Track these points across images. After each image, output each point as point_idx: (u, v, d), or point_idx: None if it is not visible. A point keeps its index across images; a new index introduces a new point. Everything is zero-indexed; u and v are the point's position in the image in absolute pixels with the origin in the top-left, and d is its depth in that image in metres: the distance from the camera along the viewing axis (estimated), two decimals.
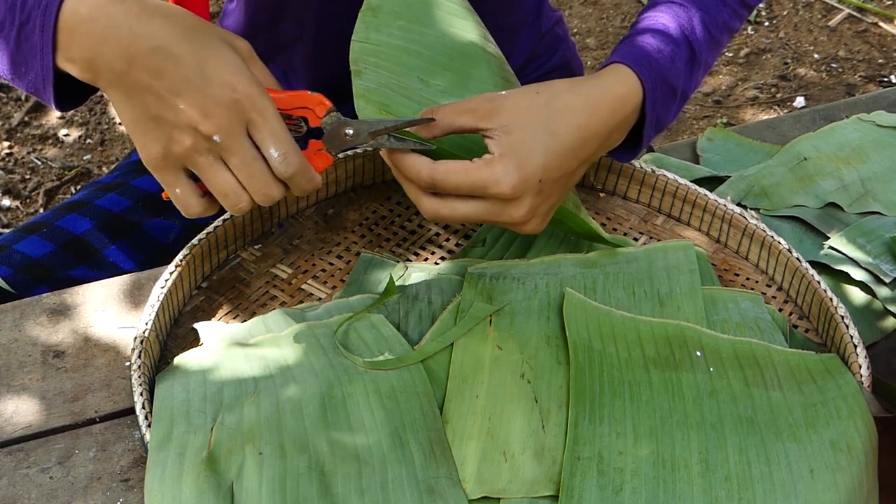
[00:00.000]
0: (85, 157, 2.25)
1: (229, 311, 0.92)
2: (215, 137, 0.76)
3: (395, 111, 0.86)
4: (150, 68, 0.75)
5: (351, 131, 0.83)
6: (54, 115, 2.33)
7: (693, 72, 0.92)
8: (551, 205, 0.85)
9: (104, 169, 2.23)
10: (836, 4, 2.77)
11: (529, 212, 0.83)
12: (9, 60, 0.79)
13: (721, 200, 1.00)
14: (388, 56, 0.90)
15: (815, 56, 2.62)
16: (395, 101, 0.87)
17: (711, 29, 0.93)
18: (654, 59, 0.88)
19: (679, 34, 0.91)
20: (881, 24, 2.71)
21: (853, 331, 0.88)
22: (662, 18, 0.92)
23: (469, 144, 0.88)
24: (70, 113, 2.33)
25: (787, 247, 0.96)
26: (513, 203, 0.82)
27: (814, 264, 1.00)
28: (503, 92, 0.85)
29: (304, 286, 0.95)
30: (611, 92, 0.86)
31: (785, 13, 2.76)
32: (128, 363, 0.89)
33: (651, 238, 1.01)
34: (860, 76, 2.56)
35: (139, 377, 0.82)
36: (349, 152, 1.01)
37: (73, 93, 0.82)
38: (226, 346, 0.86)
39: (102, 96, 2.38)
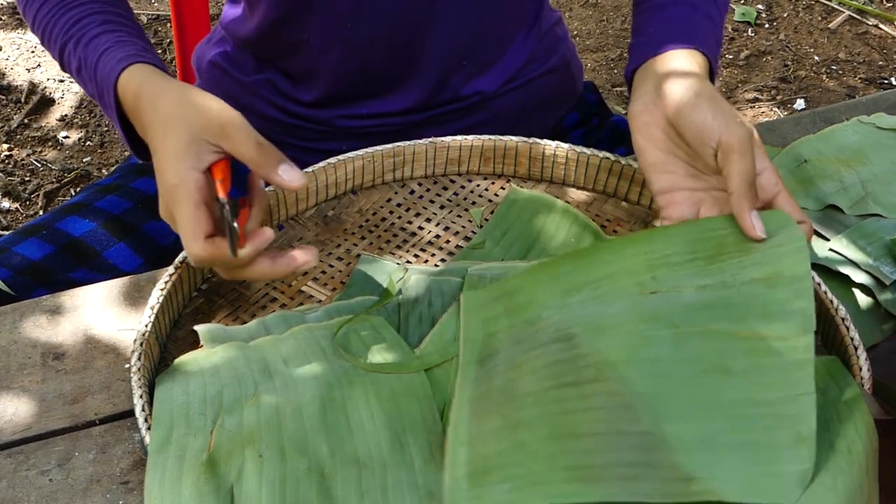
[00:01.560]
0: (85, 160, 2.25)
1: (229, 314, 0.92)
2: (164, 219, 0.88)
3: None
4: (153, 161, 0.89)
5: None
6: (54, 118, 2.33)
7: (721, 19, 1.02)
8: None
9: (104, 171, 2.23)
10: (837, 6, 2.77)
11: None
12: (103, 108, 0.95)
13: None
14: None
15: (816, 58, 2.62)
16: None
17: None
18: (707, 30, 0.97)
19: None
20: (881, 25, 2.71)
21: (853, 333, 0.88)
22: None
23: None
24: (70, 115, 2.33)
25: None
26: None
27: (814, 266, 0.99)
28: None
29: (304, 288, 0.95)
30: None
31: (785, 15, 2.76)
32: (127, 365, 0.89)
33: None
34: (860, 78, 2.56)
35: (139, 379, 0.82)
36: (351, 154, 1.01)
37: None
38: (225, 349, 0.86)
39: None
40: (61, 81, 2.41)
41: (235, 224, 0.81)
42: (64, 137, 2.30)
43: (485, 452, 0.75)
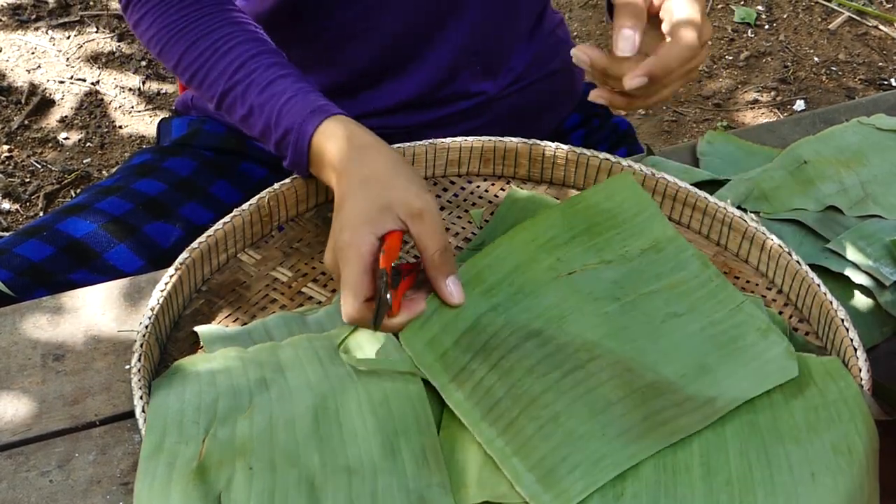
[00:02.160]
0: (85, 161, 2.25)
1: (229, 315, 0.92)
2: (327, 264, 0.88)
3: None
4: (335, 206, 0.89)
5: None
6: (54, 119, 2.33)
7: None
8: None
9: (104, 172, 2.23)
10: (836, 7, 2.77)
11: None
12: (273, 149, 0.97)
13: (721, 203, 1.00)
14: None
15: (815, 59, 2.62)
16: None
17: None
18: None
19: None
20: (881, 27, 2.71)
21: (853, 334, 0.88)
22: None
23: None
24: (70, 116, 2.33)
25: (787, 250, 0.95)
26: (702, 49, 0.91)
27: (814, 267, 0.99)
28: None
29: (304, 289, 0.95)
30: None
31: (785, 16, 2.76)
32: (128, 366, 0.89)
33: None
34: (860, 79, 2.56)
35: (139, 381, 0.82)
36: None
37: None
38: (223, 355, 0.85)
39: (102, 100, 2.38)
40: (61, 83, 2.42)
41: (388, 296, 0.82)
42: (64, 139, 2.30)
43: (539, 455, 0.77)
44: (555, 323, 0.86)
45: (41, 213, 2.13)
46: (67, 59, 2.48)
